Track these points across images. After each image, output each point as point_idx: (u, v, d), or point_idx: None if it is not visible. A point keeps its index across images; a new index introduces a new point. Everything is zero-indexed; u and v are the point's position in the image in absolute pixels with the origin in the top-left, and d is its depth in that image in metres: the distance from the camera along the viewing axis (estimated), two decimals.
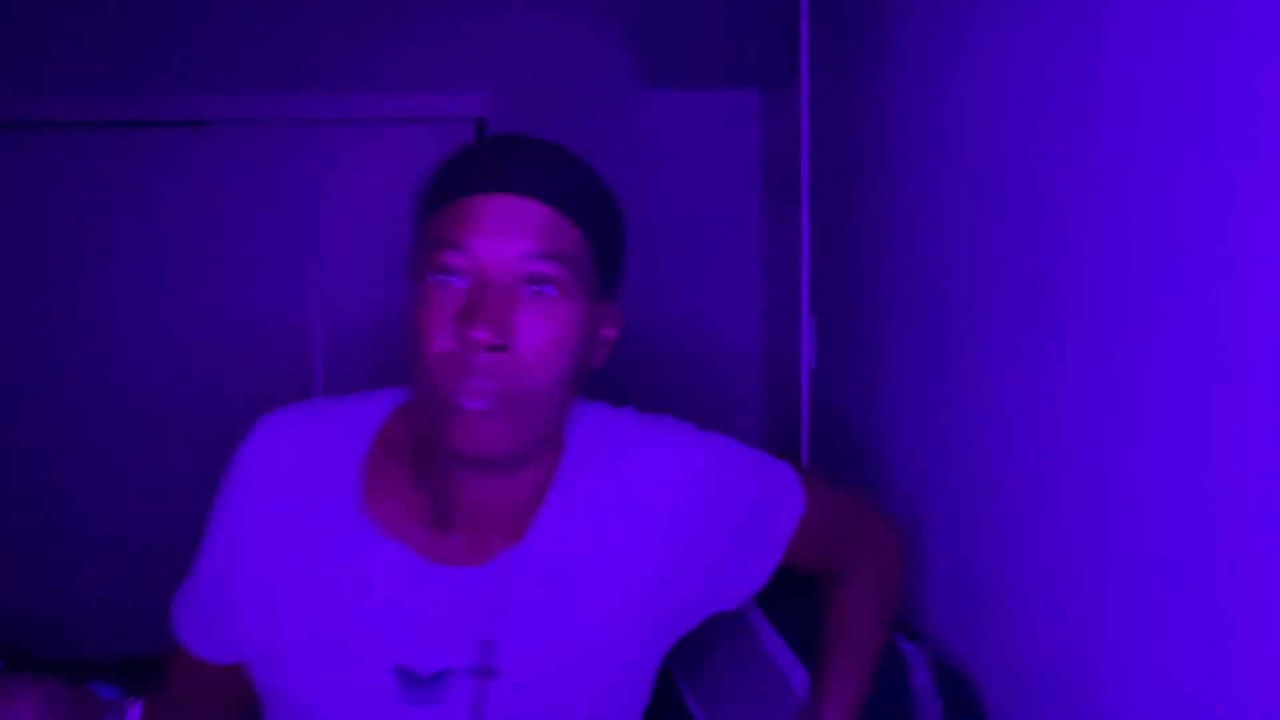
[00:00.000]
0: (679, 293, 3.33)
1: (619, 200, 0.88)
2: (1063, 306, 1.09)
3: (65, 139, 3.28)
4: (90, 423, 3.28)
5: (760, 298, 3.33)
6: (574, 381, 0.85)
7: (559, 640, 0.86)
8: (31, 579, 3.25)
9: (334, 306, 3.32)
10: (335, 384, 3.30)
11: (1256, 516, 0.77)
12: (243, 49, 3.27)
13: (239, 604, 0.89)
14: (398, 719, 0.84)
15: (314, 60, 3.28)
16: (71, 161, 3.28)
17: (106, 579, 3.26)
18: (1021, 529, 1.21)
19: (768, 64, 3.00)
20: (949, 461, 1.45)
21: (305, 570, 0.87)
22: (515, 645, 0.85)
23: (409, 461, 0.88)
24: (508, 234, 0.79)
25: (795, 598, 1.27)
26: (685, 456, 0.91)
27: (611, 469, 0.90)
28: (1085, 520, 1.05)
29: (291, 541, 0.87)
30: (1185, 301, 0.86)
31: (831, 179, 2.16)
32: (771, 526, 0.97)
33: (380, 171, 3.32)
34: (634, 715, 0.94)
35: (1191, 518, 0.86)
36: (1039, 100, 1.15)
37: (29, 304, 3.27)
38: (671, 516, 0.89)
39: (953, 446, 1.44)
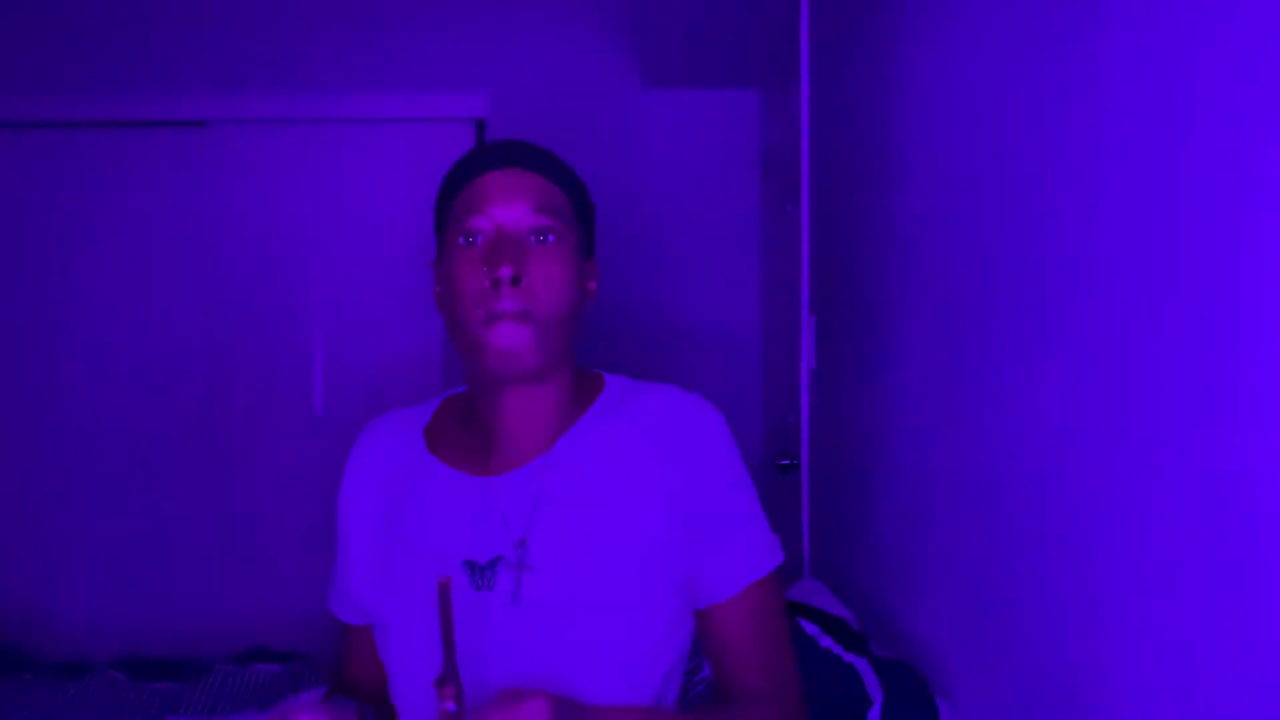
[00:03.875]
0: (679, 292, 3.33)
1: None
2: (1063, 306, 1.09)
3: (65, 139, 3.28)
4: (90, 422, 3.27)
5: (760, 298, 3.33)
6: (576, 317, 1.08)
7: (581, 543, 1.04)
8: (31, 579, 3.25)
9: (334, 306, 3.31)
10: (335, 384, 3.30)
11: (1257, 517, 0.77)
12: (243, 49, 3.27)
13: (357, 560, 1.15)
14: (469, 604, 1.04)
15: (314, 60, 3.28)
16: (71, 161, 3.28)
17: (106, 579, 3.25)
18: (1022, 528, 1.21)
19: (768, 64, 3.00)
20: (949, 461, 1.45)
21: (397, 510, 1.13)
22: (544, 544, 1.05)
23: (459, 420, 1.15)
24: (515, 197, 1.04)
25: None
26: (695, 405, 1.11)
27: (633, 403, 1.11)
28: (1086, 520, 1.05)
29: (388, 496, 1.14)
30: (1187, 300, 0.86)
31: (831, 179, 2.16)
32: (748, 546, 1.08)
33: (380, 171, 3.31)
34: (659, 639, 1.05)
35: (1193, 518, 0.86)
36: (1039, 99, 1.15)
37: (28, 304, 3.27)
38: (673, 445, 1.07)
39: (953, 446, 1.44)
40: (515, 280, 1.01)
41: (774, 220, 3.10)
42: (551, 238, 1.05)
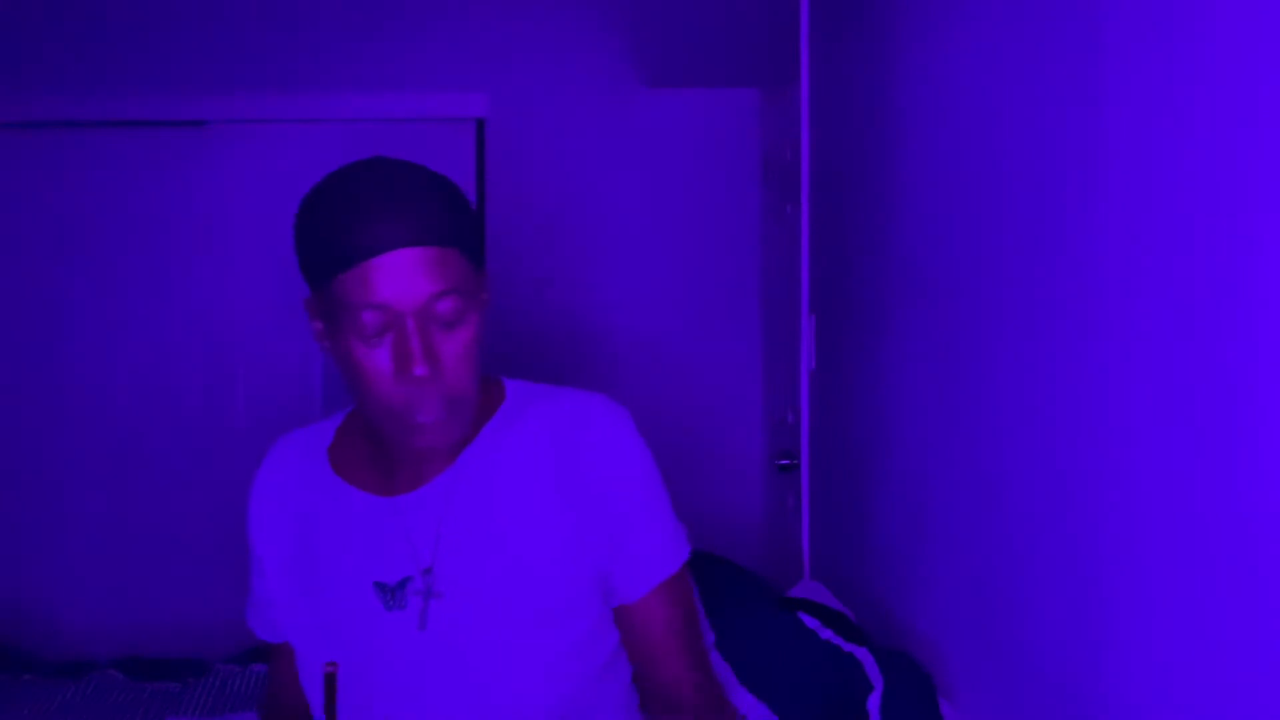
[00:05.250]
0: (679, 292, 3.33)
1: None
2: (1064, 306, 1.09)
3: (65, 139, 3.28)
4: (90, 423, 3.27)
5: (760, 298, 3.33)
6: (483, 355, 1.03)
7: (488, 563, 1.03)
8: (31, 579, 3.25)
9: None
10: (335, 384, 3.30)
11: (1257, 517, 0.77)
12: (243, 49, 3.27)
13: (271, 582, 1.14)
14: (383, 626, 1.04)
15: (314, 60, 3.27)
16: (71, 161, 3.28)
17: (106, 579, 3.25)
18: (1021, 529, 1.21)
19: (768, 64, 3.00)
20: (949, 461, 1.46)
21: (306, 534, 1.11)
22: (451, 569, 1.04)
23: (363, 440, 1.11)
24: (413, 283, 0.93)
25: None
26: (599, 406, 1.07)
27: (535, 409, 1.08)
28: (1085, 520, 1.05)
29: (296, 520, 1.12)
30: (1188, 299, 0.86)
31: (831, 179, 2.16)
32: (655, 545, 1.07)
33: None
34: (583, 642, 1.05)
35: (1193, 516, 0.86)
36: (1039, 99, 1.15)
37: (29, 304, 3.27)
38: (578, 448, 1.04)
39: (952, 446, 1.44)
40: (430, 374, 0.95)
41: (774, 220, 3.10)
42: (455, 317, 0.96)
